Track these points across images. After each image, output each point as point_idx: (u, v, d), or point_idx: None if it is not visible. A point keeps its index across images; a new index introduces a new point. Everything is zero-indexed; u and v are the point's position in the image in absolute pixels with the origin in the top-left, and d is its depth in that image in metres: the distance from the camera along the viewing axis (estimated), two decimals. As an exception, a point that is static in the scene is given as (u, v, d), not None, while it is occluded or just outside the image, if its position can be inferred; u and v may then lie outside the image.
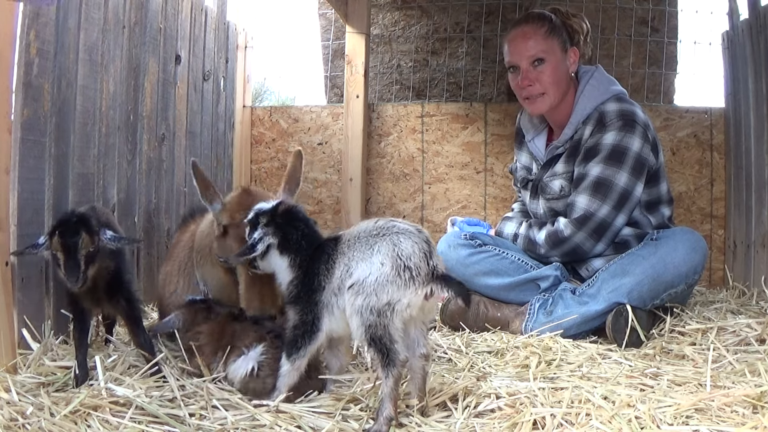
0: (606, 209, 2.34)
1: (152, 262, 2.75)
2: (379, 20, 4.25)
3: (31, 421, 1.36)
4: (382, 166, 3.94)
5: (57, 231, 1.62)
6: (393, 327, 1.40)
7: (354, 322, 1.44)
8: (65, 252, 1.61)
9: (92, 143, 2.35)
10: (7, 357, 1.67)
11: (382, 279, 1.41)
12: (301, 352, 1.52)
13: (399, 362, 1.40)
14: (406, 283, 1.40)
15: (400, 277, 1.40)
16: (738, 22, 3.49)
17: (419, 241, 1.45)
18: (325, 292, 1.51)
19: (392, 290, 1.40)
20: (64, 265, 1.61)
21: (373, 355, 1.41)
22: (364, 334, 1.41)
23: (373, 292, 1.41)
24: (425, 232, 1.49)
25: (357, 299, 1.43)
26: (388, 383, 1.39)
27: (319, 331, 1.52)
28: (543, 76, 2.44)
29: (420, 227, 1.50)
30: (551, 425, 1.41)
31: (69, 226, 1.62)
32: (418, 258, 1.42)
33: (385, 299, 1.40)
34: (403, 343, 1.42)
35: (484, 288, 2.48)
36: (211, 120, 3.49)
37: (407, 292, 1.40)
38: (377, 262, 1.43)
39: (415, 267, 1.41)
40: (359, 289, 1.43)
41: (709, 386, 1.61)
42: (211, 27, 3.43)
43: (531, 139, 2.63)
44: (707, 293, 3.10)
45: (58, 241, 1.61)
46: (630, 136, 2.33)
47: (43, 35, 2.02)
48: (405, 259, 1.41)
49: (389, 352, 1.39)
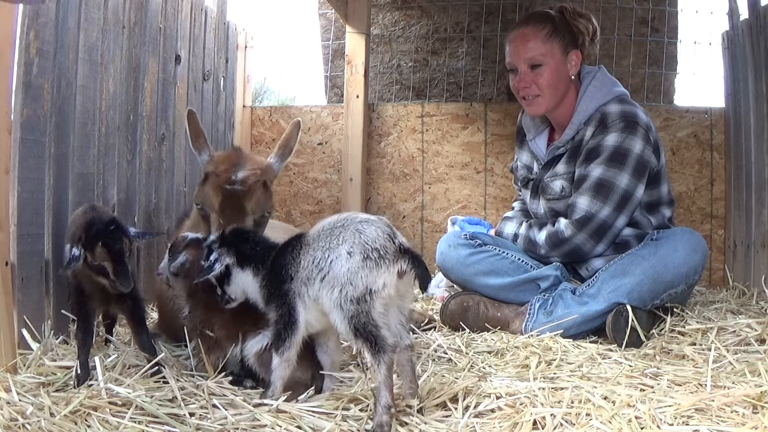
0: (607, 210, 2.34)
1: (152, 262, 2.75)
2: (379, 20, 4.25)
3: (31, 421, 1.35)
4: (382, 166, 3.94)
5: (99, 241, 1.63)
6: (375, 312, 1.43)
7: (336, 317, 1.46)
8: (115, 260, 1.64)
9: (92, 143, 2.35)
10: (7, 357, 1.66)
11: (354, 267, 1.44)
12: (286, 344, 1.55)
13: (388, 347, 1.41)
14: (377, 264, 1.44)
15: (370, 259, 1.44)
16: (738, 22, 3.49)
17: (381, 225, 1.50)
18: (294, 282, 1.54)
19: (365, 275, 1.43)
20: (115, 272, 1.64)
21: (361, 345, 1.43)
22: (348, 326, 1.44)
23: (348, 281, 1.44)
24: (384, 218, 1.55)
25: (333, 293, 1.46)
26: (381, 371, 1.40)
27: (296, 320, 1.55)
28: (540, 79, 2.43)
29: (380, 216, 1.57)
30: (551, 425, 1.41)
31: (110, 235, 1.65)
32: (383, 239, 1.46)
33: (361, 286, 1.43)
34: (388, 330, 1.45)
35: (484, 288, 2.48)
36: (211, 120, 3.48)
37: (380, 272, 1.43)
38: (344, 252, 1.46)
39: (382, 247, 1.45)
40: (333, 281, 1.46)
41: (709, 386, 1.61)
42: (211, 27, 3.43)
43: (532, 139, 2.63)
44: (707, 293, 3.10)
45: (104, 252, 1.64)
46: (632, 138, 2.33)
47: (43, 35, 2.02)
48: (371, 242, 1.46)
49: (377, 339, 1.41)
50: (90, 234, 1.66)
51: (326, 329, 1.62)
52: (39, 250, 2.03)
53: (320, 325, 1.59)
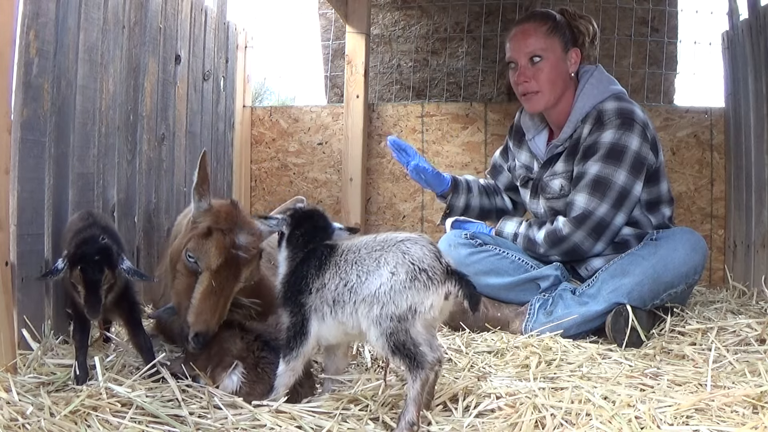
0: (604, 208, 2.33)
1: (152, 263, 2.75)
2: (379, 20, 4.25)
3: (31, 421, 1.35)
4: (382, 166, 3.94)
5: (79, 266, 1.60)
6: (415, 331, 1.40)
7: (372, 334, 1.43)
8: (87, 288, 1.61)
9: (92, 143, 2.35)
10: (7, 357, 1.66)
11: (398, 287, 1.41)
12: (293, 353, 1.53)
13: (428, 364, 1.38)
14: (426, 285, 1.41)
15: (418, 281, 1.41)
16: (738, 22, 3.49)
17: (426, 244, 1.46)
18: (312, 296, 1.51)
19: (412, 295, 1.40)
20: (86, 300, 1.61)
21: (399, 362, 1.40)
22: (386, 343, 1.40)
23: (390, 300, 1.40)
24: (426, 236, 1.51)
25: (372, 310, 1.42)
26: (414, 386, 1.37)
27: (308, 333, 1.52)
28: (540, 74, 2.44)
29: (420, 233, 1.53)
30: (551, 425, 1.41)
31: (92, 263, 1.60)
32: (431, 259, 1.43)
33: (404, 305, 1.40)
34: (427, 345, 1.41)
35: (484, 287, 2.48)
36: (211, 120, 3.48)
37: (428, 294, 1.40)
38: (387, 272, 1.43)
39: (430, 268, 1.42)
40: (373, 300, 1.42)
41: (709, 386, 1.61)
42: (211, 27, 3.43)
43: (531, 138, 2.63)
44: (707, 293, 3.10)
45: (80, 276, 1.60)
46: (628, 135, 2.33)
47: (43, 35, 2.02)
48: (418, 262, 1.42)
49: (416, 356, 1.38)
50: (75, 254, 1.63)
51: (342, 343, 1.60)
52: (39, 250, 2.03)
53: (335, 341, 1.57)
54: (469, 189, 2.75)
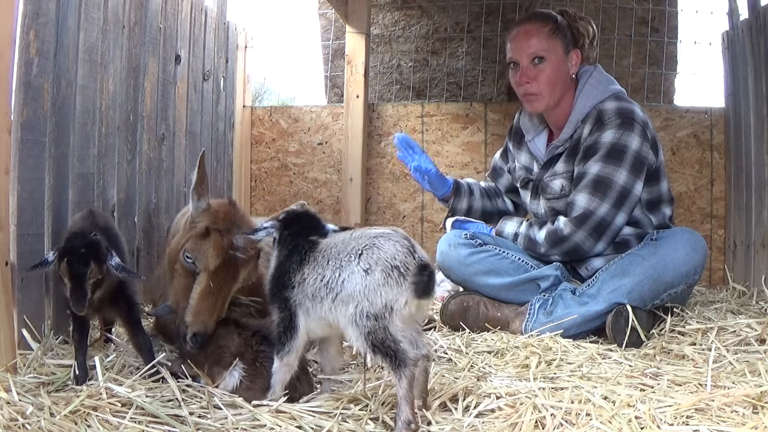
0: (605, 207, 2.33)
1: (152, 262, 2.75)
2: (379, 20, 4.25)
3: (31, 421, 1.35)
4: (382, 166, 3.94)
5: (65, 258, 1.59)
6: (393, 327, 1.40)
7: (351, 333, 1.44)
8: (72, 281, 1.60)
9: (92, 143, 2.35)
10: (7, 357, 1.66)
11: (373, 285, 1.41)
12: (286, 348, 1.53)
13: (410, 361, 1.38)
14: (398, 282, 1.40)
15: (391, 277, 1.41)
16: (738, 22, 3.50)
17: (399, 239, 1.46)
18: (295, 290, 1.52)
19: (386, 292, 1.40)
20: (71, 293, 1.60)
21: (381, 360, 1.40)
22: (365, 342, 1.41)
23: (365, 298, 1.41)
24: (401, 230, 1.51)
25: (348, 309, 1.43)
26: (402, 385, 1.37)
27: (297, 327, 1.53)
28: (541, 74, 2.44)
29: (396, 228, 1.53)
30: (551, 425, 1.41)
31: (78, 256, 1.60)
32: (404, 255, 1.43)
33: (380, 303, 1.40)
34: (408, 342, 1.41)
35: (484, 287, 2.48)
36: (211, 120, 3.49)
37: (402, 290, 1.40)
38: (360, 270, 1.43)
39: (402, 264, 1.42)
40: (348, 299, 1.43)
41: (709, 386, 1.61)
42: (211, 27, 3.43)
43: (531, 139, 2.63)
44: (707, 293, 3.10)
45: (66, 269, 1.59)
46: (628, 134, 2.33)
47: (43, 35, 2.02)
48: (390, 259, 1.42)
49: (396, 353, 1.38)
50: (64, 246, 1.63)
51: (329, 336, 1.61)
52: (39, 250, 2.03)
53: (323, 333, 1.58)
54: (471, 192, 2.75)
